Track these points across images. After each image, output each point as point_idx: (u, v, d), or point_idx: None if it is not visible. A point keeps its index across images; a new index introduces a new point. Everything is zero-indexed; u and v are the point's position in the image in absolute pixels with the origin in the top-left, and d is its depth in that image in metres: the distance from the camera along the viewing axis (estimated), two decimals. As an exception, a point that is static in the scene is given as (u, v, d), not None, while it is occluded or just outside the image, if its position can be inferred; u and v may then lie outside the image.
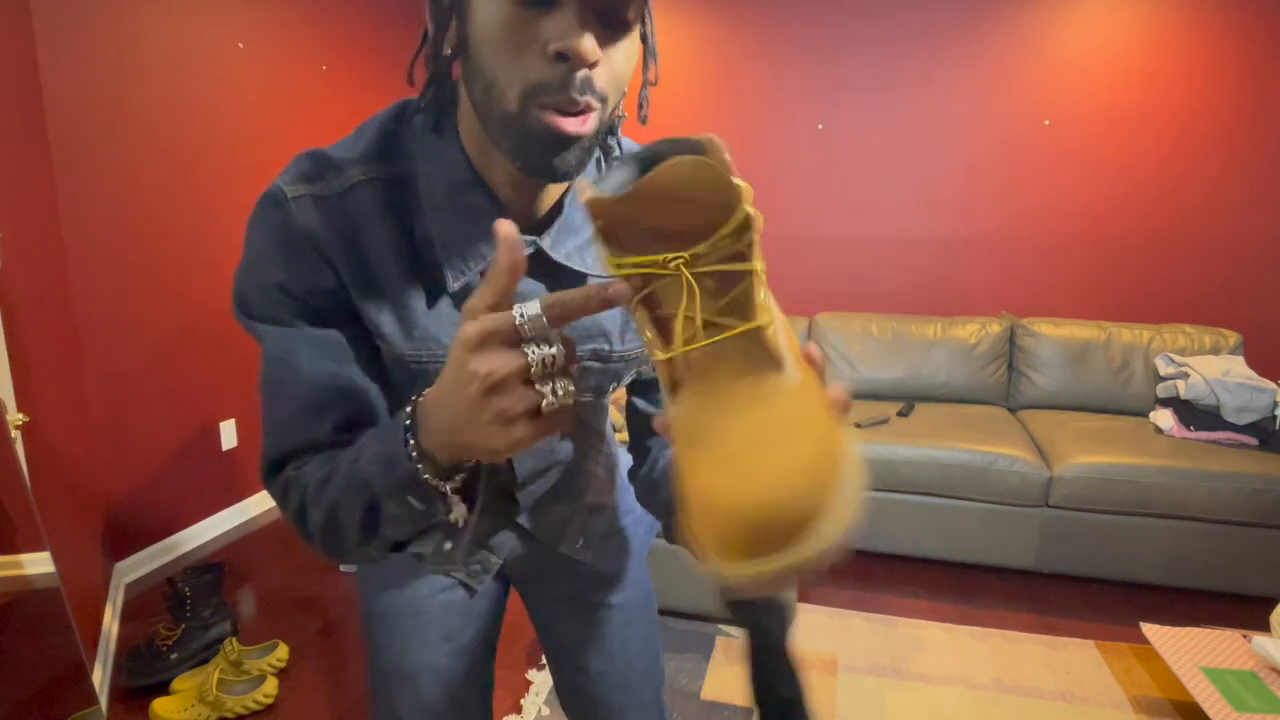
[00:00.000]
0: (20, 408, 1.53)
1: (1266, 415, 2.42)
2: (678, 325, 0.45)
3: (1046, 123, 3.20)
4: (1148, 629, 1.84)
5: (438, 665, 0.88)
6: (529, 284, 0.67)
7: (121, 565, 2.37)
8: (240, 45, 2.70)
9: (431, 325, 0.65)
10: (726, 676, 1.91)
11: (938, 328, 2.96)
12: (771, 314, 0.46)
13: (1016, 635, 2.11)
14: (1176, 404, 2.58)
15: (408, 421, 0.52)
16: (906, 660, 1.99)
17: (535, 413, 0.46)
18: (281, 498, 0.63)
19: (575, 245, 0.68)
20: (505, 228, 0.46)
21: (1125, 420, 2.68)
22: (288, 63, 2.95)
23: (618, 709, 0.95)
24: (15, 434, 1.40)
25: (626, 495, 0.96)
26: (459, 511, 0.56)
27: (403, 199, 0.65)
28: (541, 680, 1.89)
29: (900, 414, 2.72)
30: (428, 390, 0.52)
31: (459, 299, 0.65)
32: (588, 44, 0.52)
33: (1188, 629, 1.83)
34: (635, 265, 0.45)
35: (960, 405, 2.88)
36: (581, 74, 0.53)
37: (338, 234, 0.63)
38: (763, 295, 0.45)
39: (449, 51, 0.59)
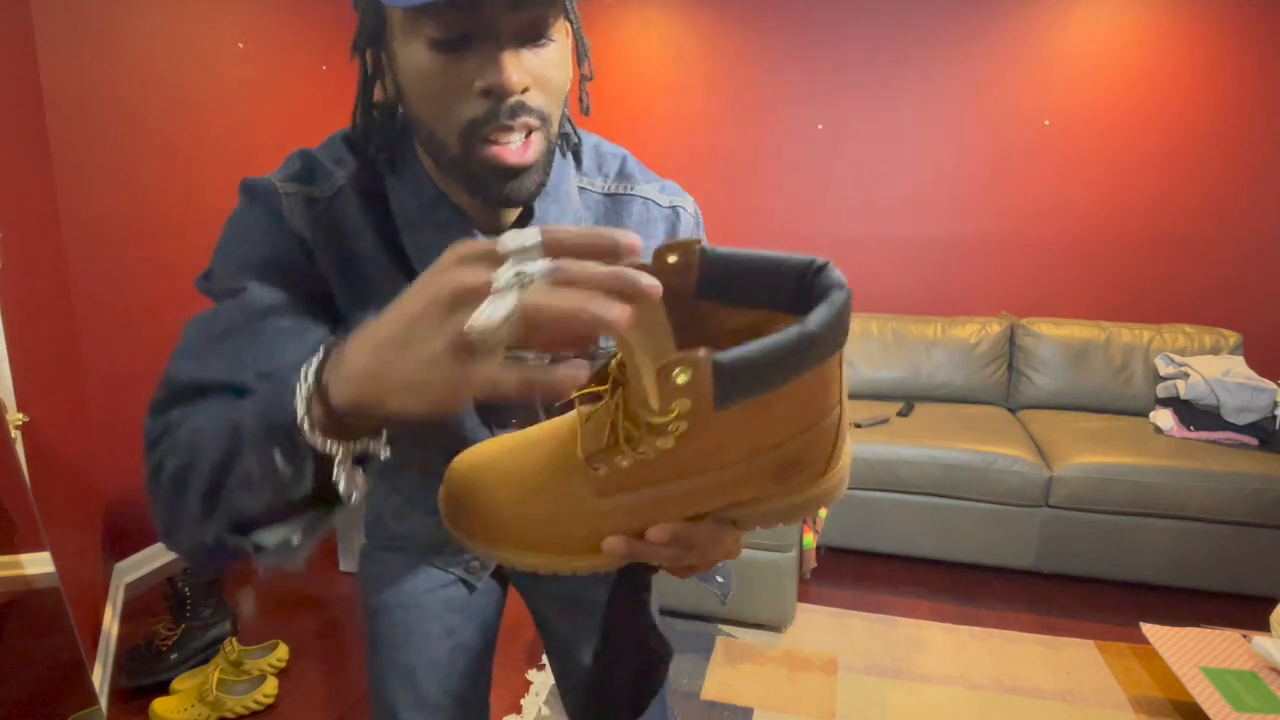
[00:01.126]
0: (20, 408, 1.53)
1: (1266, 415, 2.42)
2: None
3: (1046, 123, 3.20)
4: (1148, 629, 1.84)
5: (437, 661, 0.88)
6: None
7: (121, 565, 2.37)
8: (240, 45, 2.70)
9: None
10: (727, 677, 1.91)
11: (938, 328, 2.96)
12: (621, 475, 0.46)
13: (1016, 635, 2.11)
14: (1176, 404, 2.58)
15: (316, 359, 0.44)
16: (906, 660, 1.99)
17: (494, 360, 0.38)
18: (153, 443, 0.56)
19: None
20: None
21: (1125, 420, 2.68)
22: (288, 63, 2.95)
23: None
24: (15, 434, 1.40)
25: None
26: (352, 485, 0.47)
27: (381, 208, 0.66)
28: (541, 680, 1.89)
29: (900, 414, 2.72)
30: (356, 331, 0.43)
31: None
32: (511, 76, 0.53)
33: (1188, 629, 1.83)
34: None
35: (960, 405, 2.88)
36: (512, 101, 0.54)
37: (325, 236, 0.64)
38: (630, 461, 0.45)
39: (389, 98, 0.61)
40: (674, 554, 0.47)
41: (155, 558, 2.49)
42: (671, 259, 0.42)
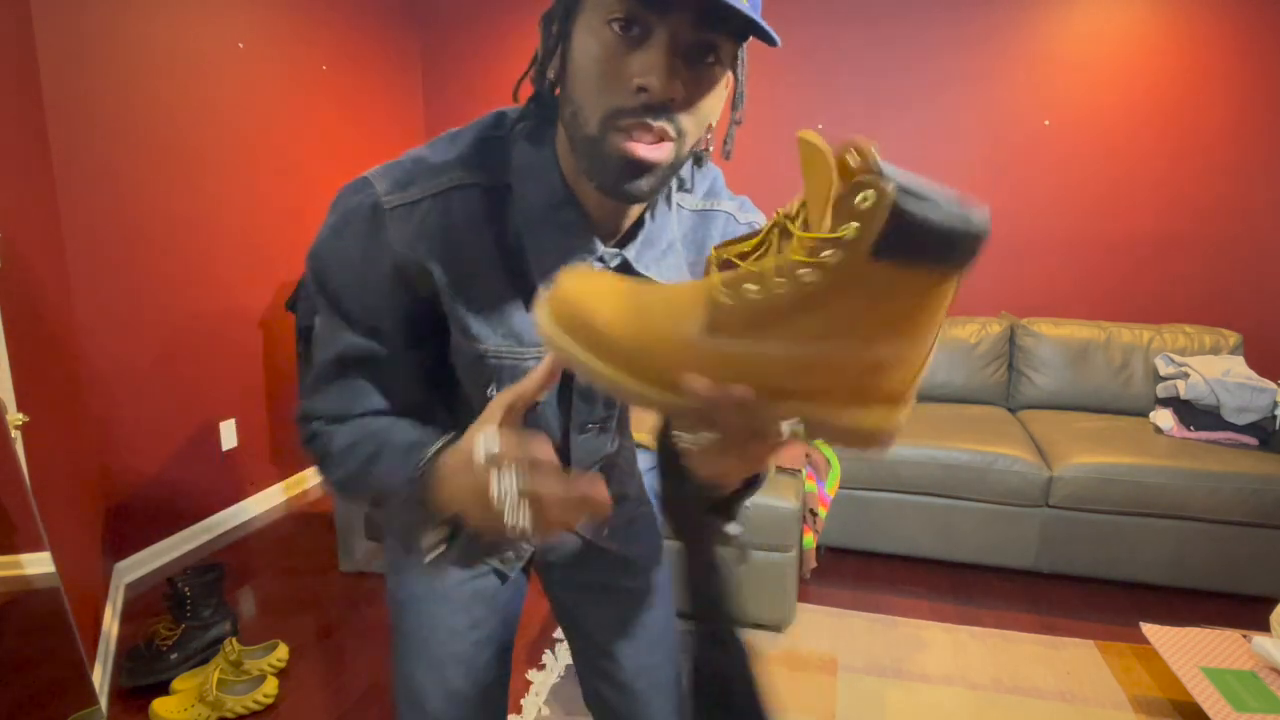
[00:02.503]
0: (20, 408, 1.53)
1: (1266, 415, 2.42)
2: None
3: (1046, 123, 3.20)
4: (1148, 629, 1.84)
5: (463, 653, 0.90)
6: None
7: (121, 565, 2.37)
8: (240, 45, 2.70)
9: (518, 326, 0.70)
10: (726, 676, 1.91)
11: (938, 328, 2.96)
12: (745, 300, 0.47)
13: (1016, 635, 2.11)
14: (1176, 404, 2.58)
15: (421, 465, 0.63)
16: (906, 660, 1.99)
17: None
18: (306, 442, 0.73)
19: (654, 256, 0.72)
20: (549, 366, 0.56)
21: (1125, 420, 2.68)
22: (288, 63, 2.95)
23: (640, 693, 0.96)
24: (15, 434, 1.40)
25: (644, 482, 0.99)
26: (433, 539, 0.66)
27: (497, 206, 0.68)
28: (541, 680, 1.89)
29: (900, 414, 2.71)
30: (447, 451, 0.62)
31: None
32: (666, 81, 0.55)
33: (1188, 629, 1.83)
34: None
35: (960, 405, 2.88)
36: (658, 103, 0.57)
37: (429, 240, 0.66)
38: (753, 292, 0.47)
39: (552, 76, 0.63)
40: (738, 420, 0.48)
41: (155, 558, 2.49)
42: (851, 159, 0.44)
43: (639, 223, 0.72)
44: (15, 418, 1.36)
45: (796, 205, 0.45)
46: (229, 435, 2.77)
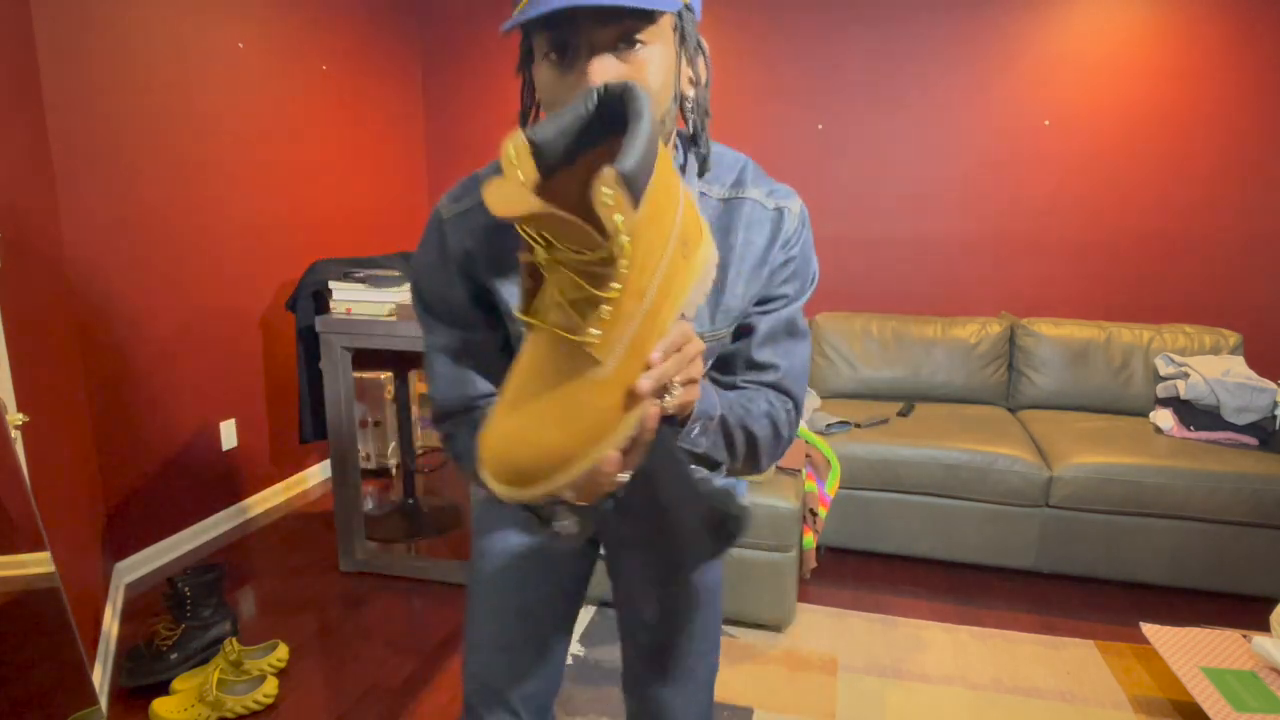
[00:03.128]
0: (20, 408, 1.53)
1: (1266, 415, 2.42)
2: (538, 299, 0.55)
3: (1046, 123, 3.20)
4: (1148, 629, 1.84)
5: (522, 606, 0.98)
6: None
7: (121, 565, 2.37)
8: (240, 45, 2.70)
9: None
10: (726, 677, 1.91)
11: (938, 328, 2.96)
12: (604, 327, 0.53)
13: (1016, 635, 2.11)
14: (1176, 404, 2.58)
15: None
16: (906, 660, 1.99)
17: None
18: (442, 442, 0.90)
19: None
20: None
21: (1125, 420, 2.68)
22: (288, 63, 2.95)
23: (674, 681, 1.02)
24: (15, 434, 1.40)
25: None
26: (567, 525, 0.78)
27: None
28: (541, 680, 1.90)
29: (900, 414, 2.72)
30: None
31: None
32: (594, 79, 0.64)
33: (1188, 629, 1.83)
34: (530, 232, 0.51)
35: (960, 405, 2.88)
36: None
37: (480, 242, 0.81)
38: (606, 313, 0.53)
39: (535, 110, 0.77)
40: (675, 366, 0.58)
41: (155, 558, 2.49)
42: (510, 154, 0.52)
43: None
44: (15, 418, 1.36)
45: (537, 249, 0.53)
46: (229, 435, 2.77)
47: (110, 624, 2.06)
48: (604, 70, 0.64)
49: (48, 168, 2.04)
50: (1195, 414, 2.50)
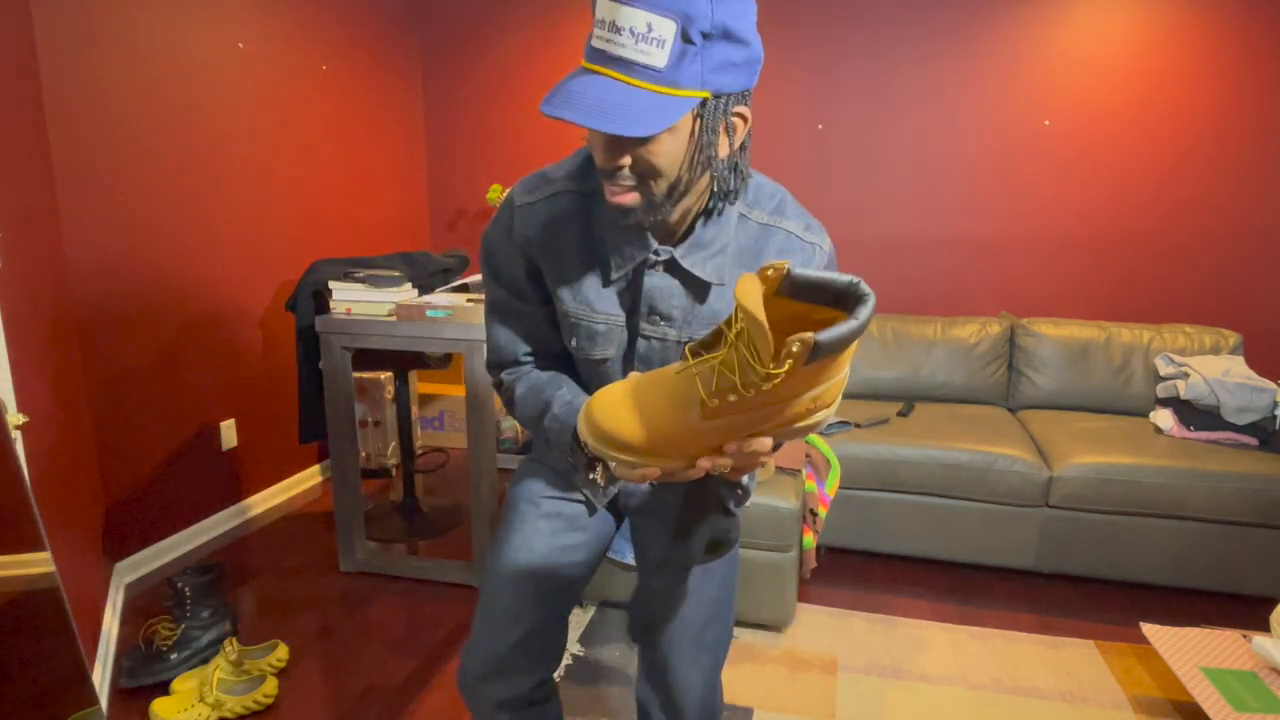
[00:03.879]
0: (20, 408, 1.53)
1: (1266, 415, 2.42)
2: (708, 348, 0.73)
3: (1046, 123, 3.20)
4: (1148, 629, 1.84)
5: (541, 552, 1.06)
6: (664, 279, 0.93)
7: (121, 565, 2.37)
8: (240, 45, 2.70)
9: (593, 298, 0.96)
10: (727, 676, 1.91)
11: (938, 328, 2.96)
12: (722, 404, 0.70)
13: (1016, 635, 2.11)
14: (1176, 404, 2.58)
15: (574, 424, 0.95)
16: (906, 660, 2.00)
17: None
18: (495, 388, 1.09)
19: (699, 258, 0.92)
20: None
21: (1125, 420, 2.68)
22: (288, 63, 2.95)
23: (681, 650, 1.12)
24: (15, 434, 1.40)
25: None
26: (597, 481, 0.95)
27: (588, 207, 0.94)
28: (541, 680, 1.90)
29: (900, 414, 2.72)
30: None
31: (616, 285, 0.95)
32: (604, 159, 0.80)
33: (1188, 629, 1.83)
34: (742, 318, 0.66)
35: (960, 405, 2.88)
36: (609, 169, 0.80)
37: (540, 231, 0.95)
38: (730, 399, 0.69)
39: None
40: (736, 461, 0.75)
41: (155, 558, 2.49)
42: (769, 272, 0.65)
43: (689, 230, 0.92)
44: (15, 418, 1.36)
45: (737, 326, 0.66)
46: (229, 435, 2.77)
47: (110, 624, 2.06)
48: (613, 153, 0.79)
49: (48, 168, 2.04)
50: (1195, 414, 2.50)
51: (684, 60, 0.73)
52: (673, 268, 0.92)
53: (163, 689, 1.84)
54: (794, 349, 0.61)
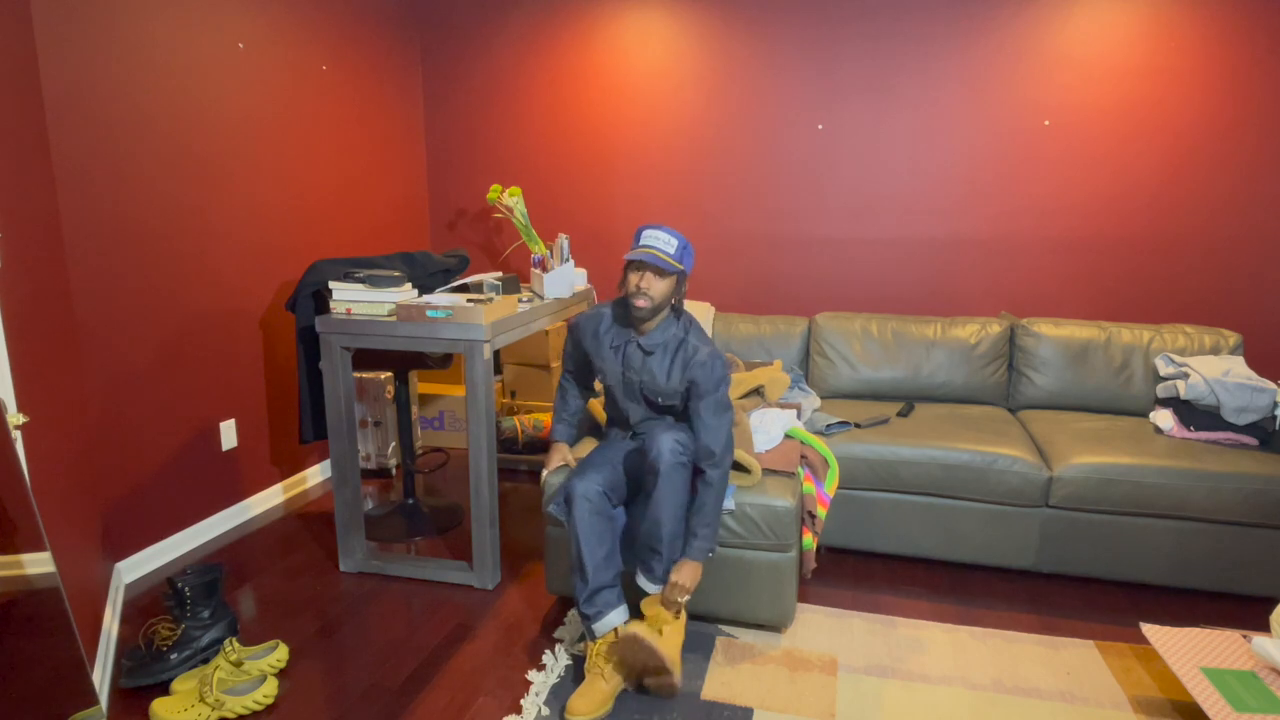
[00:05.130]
0: (20, 408, 1.53)
1: (1266, 415, 2.42)
2: None
3: (1046, 123, 3.20)
4: (1148, 629, 1.84)
5: (610, 458, 2.02)
6: (636, 350, 1.99)
7: (121, 565, 2.37)
8: (240, 45, 2.70)
9: (610, 371, 2.05)
10: (727, 676, 1.91)
11: (938, 328, 2.96)
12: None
13: (1016, 635, 2.11)
14: (1176, 404, 2.58)
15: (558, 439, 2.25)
16: (906, 660, 2.00)
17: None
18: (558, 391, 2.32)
19: (653, 344, 1.97)
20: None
21: (1125, 420, 2.68)
22: (288, 63, 2.95)
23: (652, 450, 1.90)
24: (15, 434, 1.40)
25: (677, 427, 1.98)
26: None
27: (615, 318, 2.05)
28: (541, 680, 1.90)
29: (900, 414, 2.72)
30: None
31: (615, 351, 2.03)
32: (633, 284, 1.90)
33: (1188, 629, 1.83)
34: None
35: (960, 405, 2.88)
36: (634, 289, 1.89)
37: (589, 339, 2.08)
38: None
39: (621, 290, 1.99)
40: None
41: (155, 558, 2.49)
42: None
43: (653, 331, 1.97)
44: (15, 418, 1.36)
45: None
46: (229, 435, 2.77)
47: (110, 624, 2.06)
48: (641, 281, 1.87)
49: (48, 168, 2.04)
50: (1195, 414, 2.50)
51: (677, 254, 1.87)
52: (639, 345, 1.98)
53: (163, 689, 1.84)
54: None
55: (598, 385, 2.44)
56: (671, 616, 1.85)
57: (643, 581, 1.92)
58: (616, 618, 1.87)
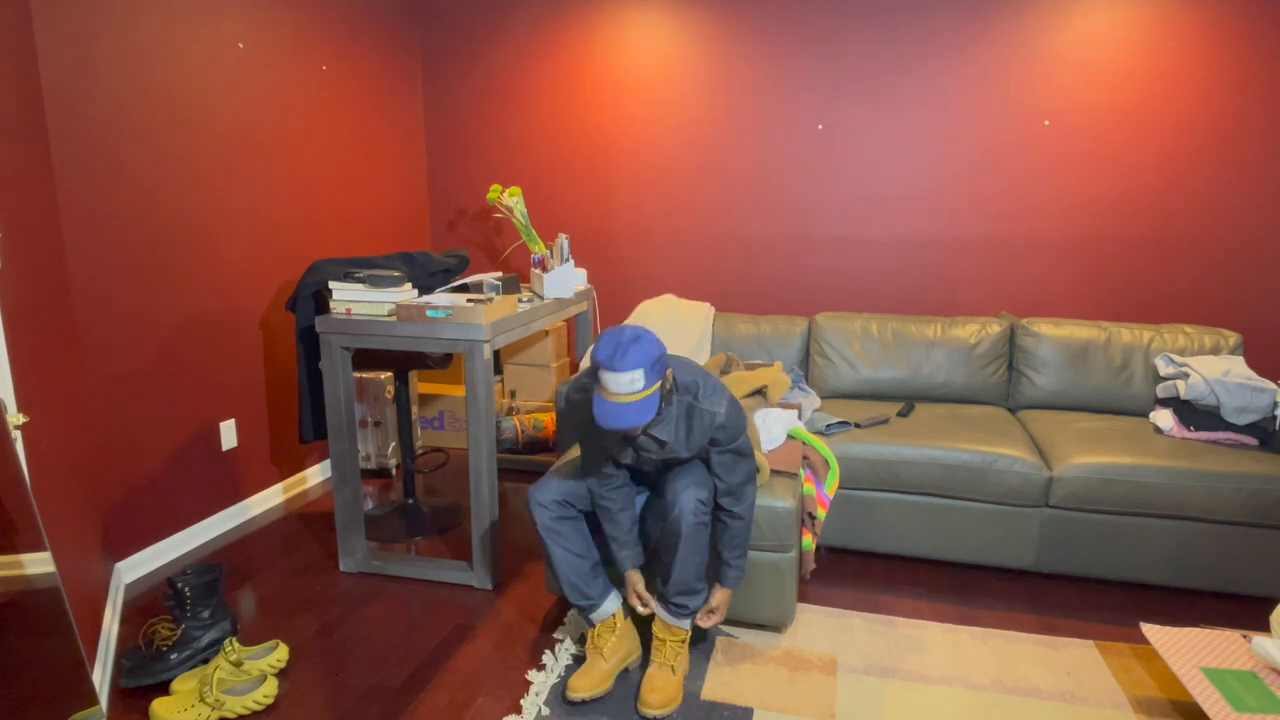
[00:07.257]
0: (20, 408, 1.53)
1: (1266, 415, 2.42)
2: None
3: (1046, 123, 3.20)
4: (1148, 629, 1.84)
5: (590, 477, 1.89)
6: (652, 443, 1.77)
7: (121, 565, 2.37)
8: (240, 45, 2.70)
9: (614, 449, 1.81)
10: (726, 677, 1.91)
11: (938, 328, 2.96)
12: None
13: (1016, 635, 2.11)
14: (1176, 404, 2.58)
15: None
16: (906, 660, 2.00)
17: None
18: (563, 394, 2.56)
19: (665, 431, 1.74)
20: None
21: (1125, 420, 2.68)
22: (288, 63, 2.95)
23: (676, 484, 1.82)
24: (15, 434, 1.40)
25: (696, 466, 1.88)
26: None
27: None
28: (541, 680, 1.90)
29: (900, 414, 2.72)
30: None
31: (627, 440, 1.78)
32: (623, 439, 1.79)
33: (1188, 629, 1.83)
34: None
35: (960, 405, 2.88)
36: (628, 438, 1.78)
37: (586, 420, 1.82)
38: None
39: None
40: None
41: (155, 558, 2.49)
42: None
43: (651, 428, 1.74)
44: (15, 418, 1.36)
45: None
46: (229, 435, 2.77)
47: (110, 624, 2.06)
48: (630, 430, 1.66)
49: (48, 168, 2.04)
50: (1195, 414, 2.50)
51: (648, 382, 1.58)
52: (652, 437, 1.75)
53: (163, 689, 1.84)
54: None
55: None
56: (684, 648, 1.88)
57: (671, 621, 1.87)
58: (610, 605, 1.92)
